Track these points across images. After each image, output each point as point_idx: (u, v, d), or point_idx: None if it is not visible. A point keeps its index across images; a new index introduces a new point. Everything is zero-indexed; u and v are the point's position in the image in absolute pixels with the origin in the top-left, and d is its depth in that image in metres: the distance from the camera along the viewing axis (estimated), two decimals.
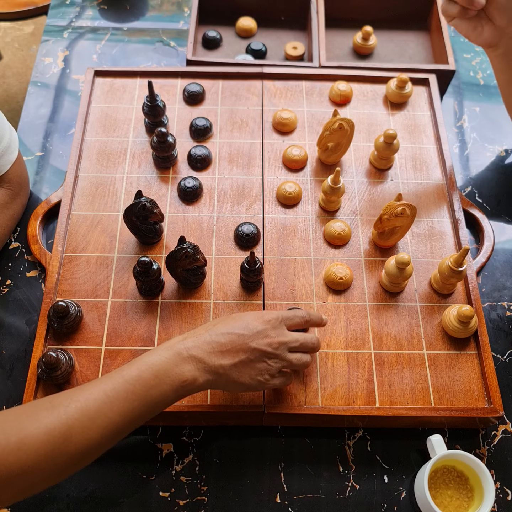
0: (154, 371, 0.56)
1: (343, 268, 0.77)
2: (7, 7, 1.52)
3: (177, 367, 0.57)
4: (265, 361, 0.62)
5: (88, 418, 0.52)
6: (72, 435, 0.51)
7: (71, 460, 0.52)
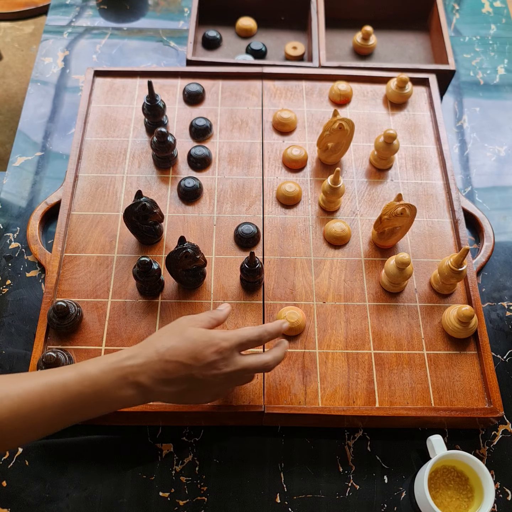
0: (96, 390, 0.55)
1: (296, 312, 0.74)
2: (7, 7, 1.52)
3: (120, 390, 0.56)
4: (210, 388, 0.61)
5: (19, 420, 0.52)
6: (1, 432, 0.51)
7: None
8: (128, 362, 0.57)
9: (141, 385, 0.56)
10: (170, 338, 0.60)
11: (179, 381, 0.58)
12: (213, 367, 0.59)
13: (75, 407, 0.54)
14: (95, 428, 0.71)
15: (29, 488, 0.67)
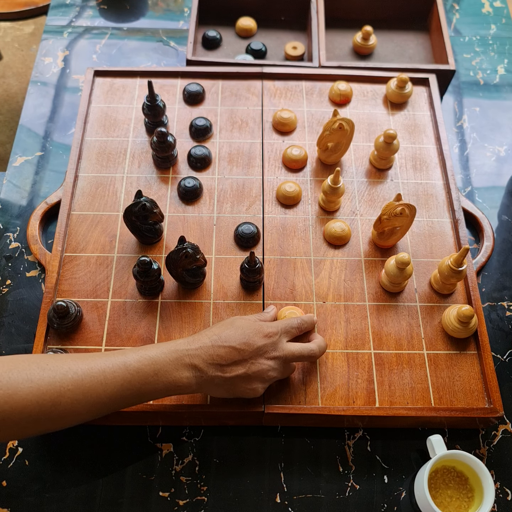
0: (155, 369, 0.58)
1: (295, 312, 0.74)
2: (7, 7, 1.52)
3: (177, 371, 0.59)
4: (261, 374, 0.63)
5: (81, 392, 0.54)
6: (61, 403, 0.53)
7: (52, 425, 0.54)
8: (184, 346, 0.60)
9: (196, 367, 0.59)
10: (221, 328, 0.64)
11: (232, 367, 0.61)
12: (263, 351, 0.63)
13: (134, 384, 0.57)
14: (95, 428, 0.71)
15: (29, 488, 0.67)
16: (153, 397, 0.59)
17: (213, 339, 0.62)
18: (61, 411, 0.53)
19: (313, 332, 0.73)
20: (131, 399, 0.58)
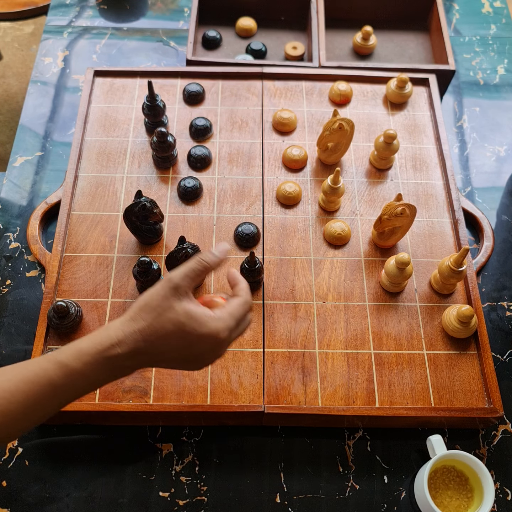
0: (88, 383, 0.52)
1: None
2: (7, 7, 1.52)
3: (111, 377, 0.53)
4: (210, 359, 0.56)
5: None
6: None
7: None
8: (113, 351, 0.52)
9: (130, 367, 0.54)
10: (163, 330, 0.53)
11: (170, 362, 0.55)
12: (218, 355, 0.56)
13: (66, 394, 0.51)
14: (95, 428, 0.71)
15: (29, 488, 0.67)
16: (94, 389, 0.54)
17: (147, 340, 0.53)
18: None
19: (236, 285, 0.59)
20: (70, 399, 0.52)
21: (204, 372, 0.71)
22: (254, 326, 0.74)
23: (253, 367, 0.71)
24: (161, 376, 0.70)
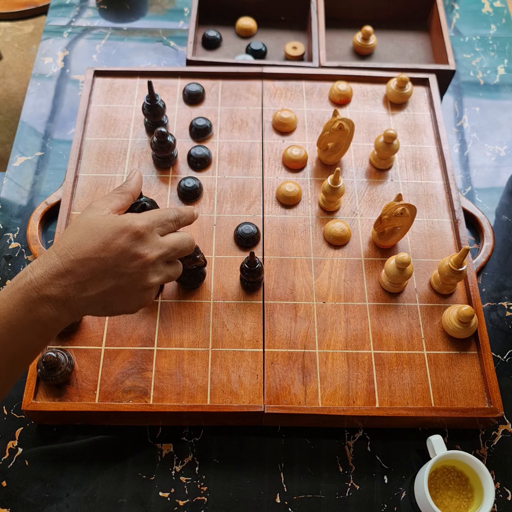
0: (4, 324, 0.45)
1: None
2: (7, 7, 1.52)
3: (30, 313, 0.46)
4: (139, 283, 0.51)
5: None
6: None
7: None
8: (25, 279, 0.47)
9: (50, 298, 0.47)
10: (73, 234, 0.49)
11: (96, 281, 0.48)
12: (135, 255, 0.50)
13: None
14: (95, 428, 0.71)
15: (29, 488, 0.67)
16: (32, 351, 0.48)
17: (62, 255, 0.48)
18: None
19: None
20: (8, 367, 0.47)
21: (204, 372, 0.71)
22: (254, 326, 0.74)
23: (253, 367, 0.71)
24: (161, 376, 0.70)
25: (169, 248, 0.52)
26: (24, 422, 0.71)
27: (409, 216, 0.76)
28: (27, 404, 0.67)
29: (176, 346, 0.72)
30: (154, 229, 0.51)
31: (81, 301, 0.48)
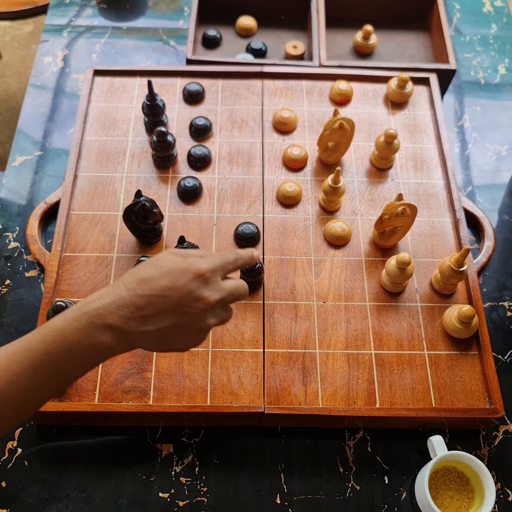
0: (64, 344, 0.48)
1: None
2: (6, 6, 1.51)
3: (89, 338, 0.48)
4: (198, 323, 0.53)
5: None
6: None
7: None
8: (92, 305, 0.49)
9: (112, 327, 0.49)
10: (142, 271, 0.52)
11: (159, 317, 0.50)
12: (198, 297, 0.52)
13: (47, 369, 0.48)
14: (95, 428, 0.71)
15: (28, 489, 0.67)
16: (80, 372, 0.50)
17: (130, 288, 0.50)
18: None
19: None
20: (56, 383, 0.49)
21: (204, 372, 0.71)
22: (254, 326, 0.74)
23: (253, 368, 0.71)
24: (161, 377, 0.70)
25: (227, 293, 0.55)
26: (23, 422, 0.71)
27: (409, 216, 0.76)
28: None
29: None
30: (217, 272, 0.54)
31: (140, 334, 0.50)
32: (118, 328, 0.49)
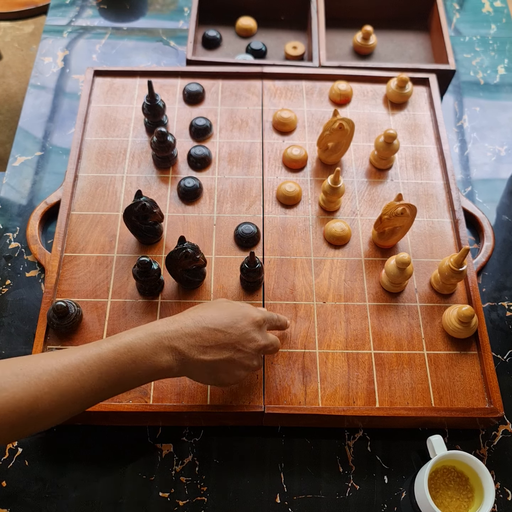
0: (132, 356, 0.55)
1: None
2: (7, 7, 1.51)
3: (156, 355, 0.56)
4: (246, 361, 0.62)
5: (58, 393, 0.52)
6: (38, 408, 0.51)
7: (34, 428, 0.52)
8: (162, 328, 0.58)
9: (176, 350, 0.57)
10: (206, 310, 0.61)
11: (217, 350, 0.59)
12: (251, 337, 0.61)
13: (112, 375, 0.54)
14: (95, 428, 0.71)
15: (28, 488, 0.67)
16: (136, 384, 0.57)
17: (196, 320, 0.59)
18: (39, 415, 0.51)
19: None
20: (112, 390, 0.55)
21: None
22: None
23: None
24: None
25: (270, 342, 0.65)
26: None
27: (409, 216, 0.76)
28: None
29: None
30: (266, 323, 0.65)
31: (197, 362, 0.58)
32: (181, 352, 0.57)
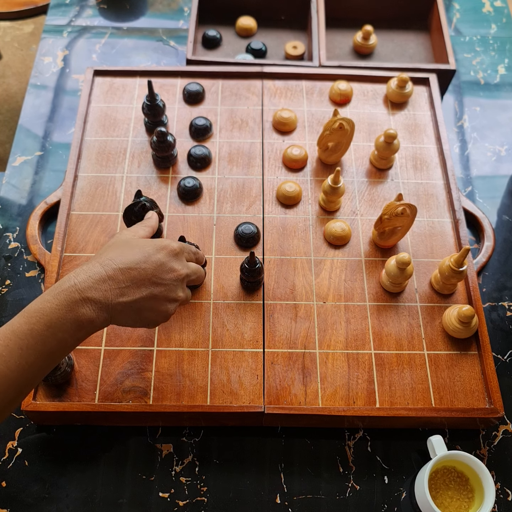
0: (46, 321, 0.51)
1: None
2: (6, 7, 1.51)
3: (71, 312, 0.52)
4: (170, 294, 0.59)
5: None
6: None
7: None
8: (69, 283, 0.53)
9: (91, 300, 0.53)
10: (115, 250, 0.57)
11: (134, 288, 0.55)
12: (170, 269, 0.59)
13: (33, 347, 0.50)
14: (95, 428, 0.71)
15: (28, 489, 0.67)
16: (64, 349, 0.53)
17: (105, 264, 0.55)
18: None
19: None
20: (44, 361, 0.52)
21: (204, 372, 0.71)
22: (254, 326, 0.74)
23: (253, 368, 0.71)
24: (161, 377, 0.70)
25: (192, 271, 0.63)
26: (23, 422, 0.71)
27: (409, 216, 0.76)
28: (26, 404, 0.67)
29: (176, 346, 0.72)
30: (184, 252, 0.63)
31: (117, 305, 0.55)
32: (97, 300, 0.53)
